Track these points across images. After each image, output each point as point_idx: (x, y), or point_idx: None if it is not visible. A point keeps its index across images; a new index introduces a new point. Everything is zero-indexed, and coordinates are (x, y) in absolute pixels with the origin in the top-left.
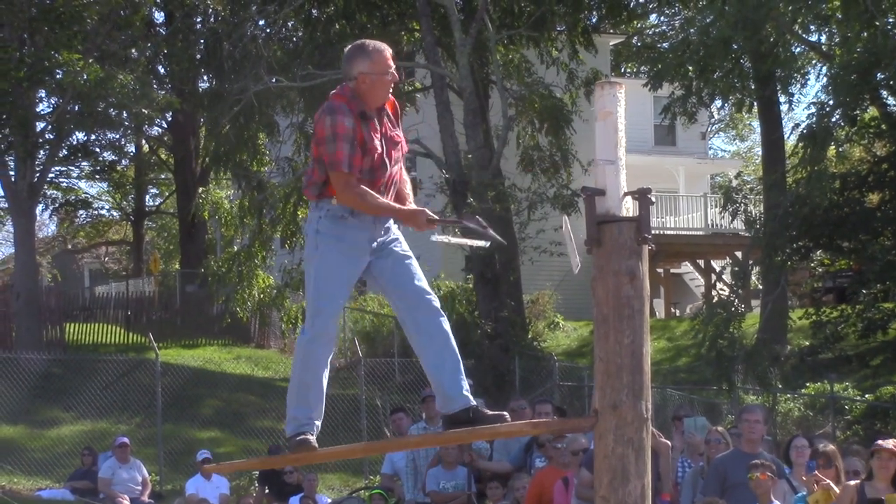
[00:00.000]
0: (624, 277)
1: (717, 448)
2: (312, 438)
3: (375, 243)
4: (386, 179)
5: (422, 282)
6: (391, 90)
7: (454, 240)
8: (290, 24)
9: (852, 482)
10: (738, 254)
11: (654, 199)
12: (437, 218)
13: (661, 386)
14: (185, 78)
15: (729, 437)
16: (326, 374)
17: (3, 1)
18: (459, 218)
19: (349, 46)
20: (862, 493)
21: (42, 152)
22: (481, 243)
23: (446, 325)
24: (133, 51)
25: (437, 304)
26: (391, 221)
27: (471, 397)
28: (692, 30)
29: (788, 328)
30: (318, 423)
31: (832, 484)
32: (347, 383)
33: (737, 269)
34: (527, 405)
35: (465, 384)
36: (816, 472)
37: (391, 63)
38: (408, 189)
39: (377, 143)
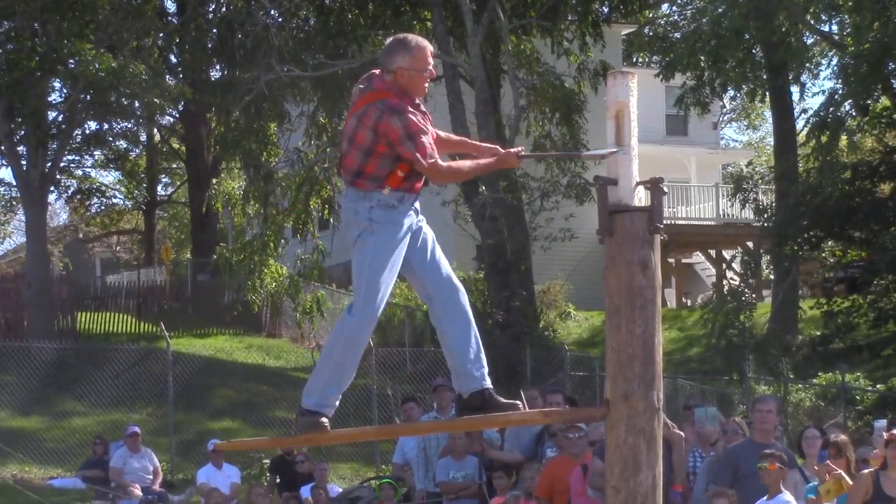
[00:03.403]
0: (636, 267)
1: (733, 438)
2: (327, 422)
3: (414, 226)
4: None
5: (447, 264)
6: (427, 86)
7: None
8: (301, 13)
9: (867, 471)
10: (750, 244)
11: (666, 188)
12: (526, 154)
13: (672, 376)
14: (197, 67)
15: (746, 427)
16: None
17: None
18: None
19: (391, 39)
20: (877, 483)
21: (54, 142)
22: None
23: (469, 308)
24: (145, 40)
25: (461, 287)
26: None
27: (488, 380)
28: (704, 19)
29: (799, 318)
30: (337, 405)
31: (843, 474)
32: (358, 373)
33: (748, 258)
34: (538, 395)
35: (486, 367)
36: (828, 461)
37: (430, 60)
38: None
39: (430, 127)
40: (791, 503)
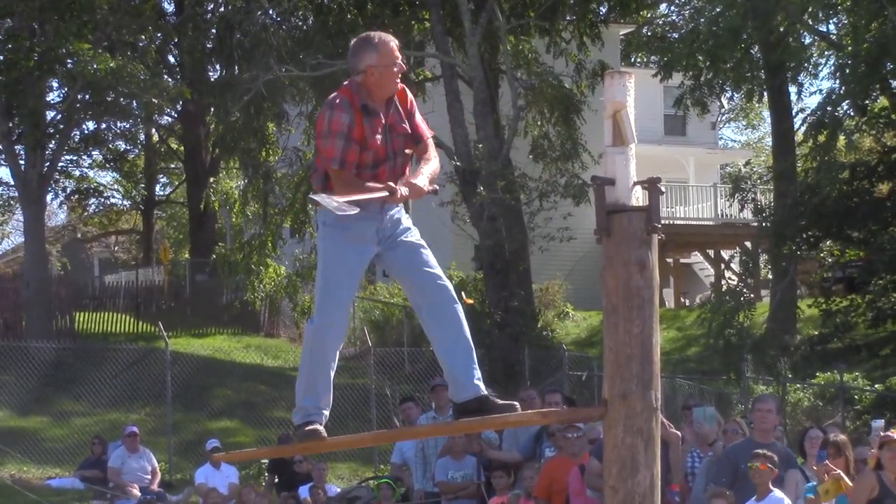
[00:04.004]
0: (634, 267)
1: (733, 438)
2: (321, 428)
3: (383, 233)
4: (391, 171)
5: (436, 269)
6: (399, 80)
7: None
8: (300, 13)
9: (870, 469)
10: (748, 243)
11: (664, 188)
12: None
13: (670, 376)
14: (195, 67)
15: (746, 426)
16: (335, 364)
17: None
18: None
19: (354, 40)
20: (882, 482)
21: (52, 142)
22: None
23: (460, 313)
24: (143, 38)
25: (451, 291)
26: (402, 212)
27: (482, 386)
28: (702, 19)
29: (798, 318)
30: (327, 412)
31: (842, 474)
32: (357, 373)
33: (746, 258)
34: (536, 395)
35: (478, 373)
36: (826, 461)
37: (398, 53)
38: (424, 168)
39: (378, 137)
40: (783, 501)
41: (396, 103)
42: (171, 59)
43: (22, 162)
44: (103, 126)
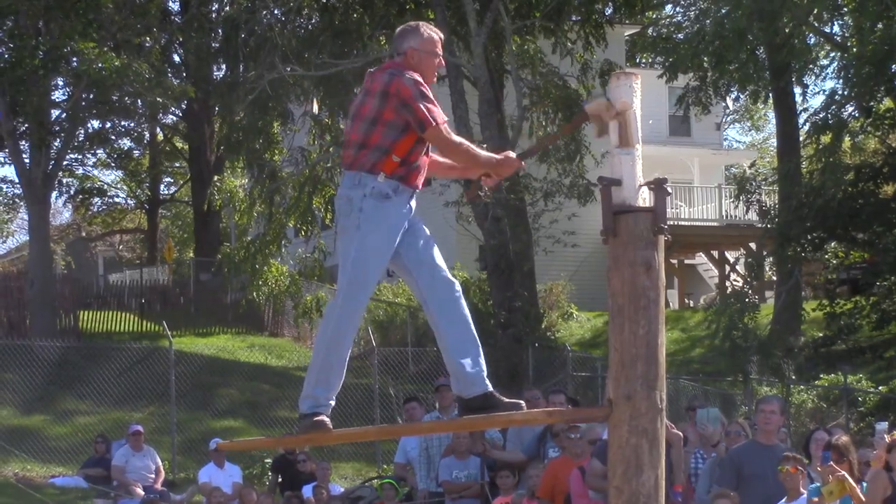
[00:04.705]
0: (640, 268)
1: (737, 440)
2: (328, 420)
3: (408, 221)
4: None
5: (444, 265)
6: (436, 73)
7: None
8: (305, 12)
9: (881, 469)
10: (753, 245)
11: (669, 189)
12: (524, 152)
13: (675, 377)
14: (200, 66)
15: (749, 428)
16: (349, 354)
17: None
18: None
19: (402, 26)
20: (895, 483)
21: (57, 140)
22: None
23: (466, 309)
24: (147, 39)
25: (458, 287)
26: (415, 199)
27: (488, 383)
28: (708, 21)
29: (802, 319)
30: (333, 402)
31: (847, 475)
32: (361, 372)
33: (751, 260)
34: (540, 395)
35: (484, 369)
36: (831, 462)
37: (440, 47)
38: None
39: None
40: None
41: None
42: (176, 58)
43: (27, 160)
44: (108, 125)
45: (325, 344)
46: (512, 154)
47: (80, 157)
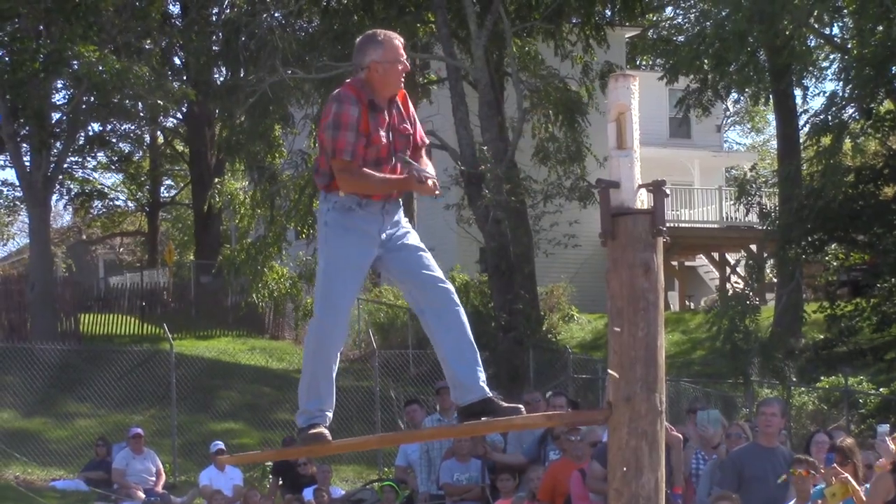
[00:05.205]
0: (639, 270)
1: (737, 442)
2: (325, 430)
3: (384, 235)
4: (392, 171)
5: (436, 271)
6: (403, 79)
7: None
8: (305, 15)
9: (886, 471)
10: (753, 247)
11: (668, 191)
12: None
13: (675, 379)
14: (200, 69)
15: (749, 430)
16: (336, 365)
17: None
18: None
19: (360, 37)
20: None
21: (57, 143)
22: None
23: (463, 315)
24: (148, 42)
25: (453, 293)
26: (401, 214)
27: (487, 388)
28: (708, 23)
29: (803, 321)
30: (330, 413)
31: (850, 477)
32: (362, 375)
33: (751, 262)
34: (541, 398)
35: (482, 375)
36: (834, 465)
37: (402, 52)
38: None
39: (382, 134)
40: None
41: (398, 104)
42: (177, 61)
43: (27, 163)
44: (108, 128)
45: (311, 358)
46: (412, 172)
47: (80, 159)
